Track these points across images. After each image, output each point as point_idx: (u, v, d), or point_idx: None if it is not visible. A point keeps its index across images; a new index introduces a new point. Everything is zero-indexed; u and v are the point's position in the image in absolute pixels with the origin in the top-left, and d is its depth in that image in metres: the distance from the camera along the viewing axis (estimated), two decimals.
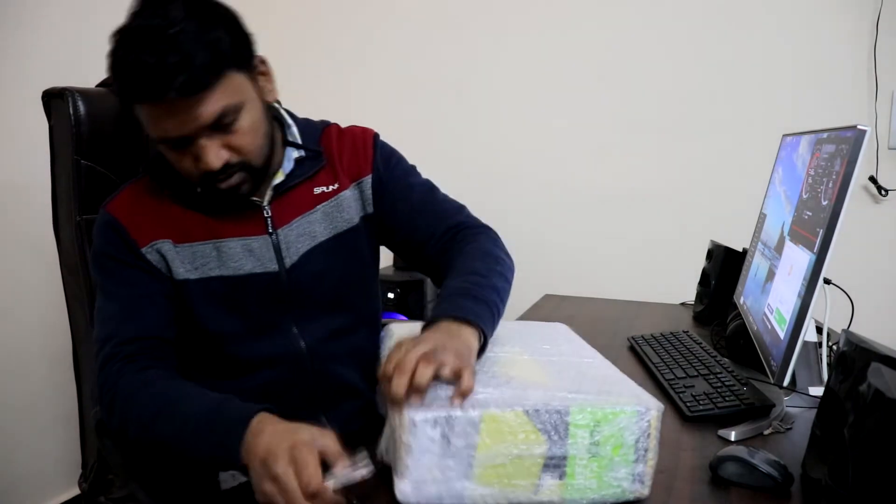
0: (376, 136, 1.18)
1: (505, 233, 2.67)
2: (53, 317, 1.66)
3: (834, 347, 1.02)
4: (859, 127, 0.91)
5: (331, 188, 1.11)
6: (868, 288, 1.49)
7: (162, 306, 1.02)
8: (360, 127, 1.19)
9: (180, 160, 0.96)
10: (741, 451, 0.83)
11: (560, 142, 2.48)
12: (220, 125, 0.93)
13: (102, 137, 1.19)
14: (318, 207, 1.09)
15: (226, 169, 0.96)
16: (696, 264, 1.70)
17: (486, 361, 0.87)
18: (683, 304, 1.80)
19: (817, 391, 1.07)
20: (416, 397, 0.74)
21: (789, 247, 1.12)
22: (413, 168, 1.20)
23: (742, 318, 1.32)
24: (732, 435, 0.95)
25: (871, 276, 2.05)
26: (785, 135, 1.44)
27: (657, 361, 1.25)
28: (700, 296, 1.67)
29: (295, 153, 1.10)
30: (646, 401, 0.77)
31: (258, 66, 1.01)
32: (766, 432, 0.97)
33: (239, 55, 0.96)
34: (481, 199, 2.59)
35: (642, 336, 1.43)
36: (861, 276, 1.48)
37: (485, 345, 0.88)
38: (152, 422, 0.91)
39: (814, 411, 0.84)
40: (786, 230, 1.17)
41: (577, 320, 1.57)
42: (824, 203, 0.96)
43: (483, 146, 2.58)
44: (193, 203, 1.05)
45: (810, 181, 1.09)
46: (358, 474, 0.77)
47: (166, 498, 1.03)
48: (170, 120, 0.90)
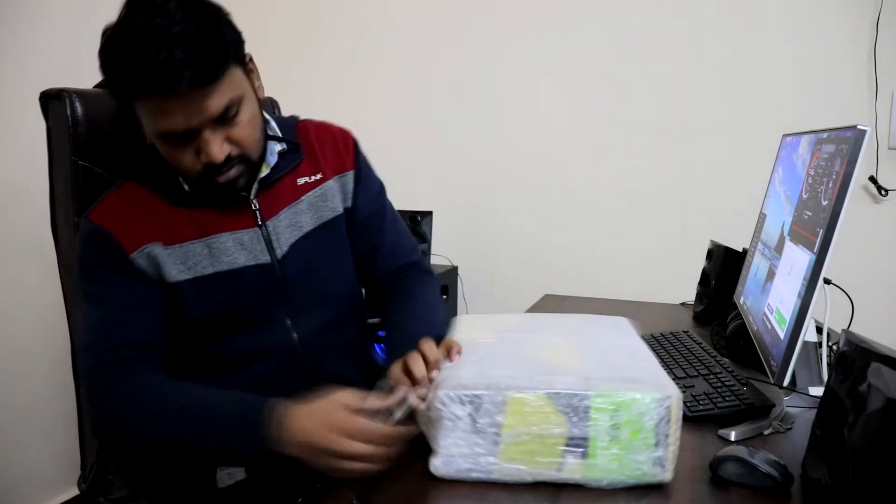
0: (356, 140, 1.23)
1: (505, 233, 2.67)
2: (53, 317, 1.66)
3: (834, 347, 1.02)
4: (859, 127, 0.91)
5: (314, 178, 1.14)
6: (868, 288, 1.49)
7: (151, 312, 1.01)
8: (337, 126, 1.23)
9: (180, 155, 0.97)
10: (741, 451, 0.83)
11: (560, 142, 2.48)
12: (224, 118, 0.96)
13: (100, 138, 1.19)
14: (304, 198, 1.12)
15: (227, 162, 0.98)
16: (696, 264, 1.70)
17: (531, 349, 0.93)
18: (683, 304, 1.80)
19: (817, 391, 1.07)
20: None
21: (789, 247, 1.12)
22: (383, 186, 1.25)
23: (742, 318, 1.32)
24: (732, 435, 0.95)
25: (871, 276, 2.05)
26: (785, 135, 1.44)
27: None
28: (700, 296, 1.67)
29: (277, 146, 1.12)
30: (665, 388, 0.80)
31: (248, 63, 1.03)
32: (766, 432, 0.96)
33: (238, 50, 0.98)
34: (481, 199, 2.61)
35: (642, 336, 1.42)
36: (861, 276, 1.48)
37: None
38: (172, 422, 0.91)
39: (814, 411, 0.84)
40: (786, 230, 1.17)
41: None
42: (824, 203, 0.96)
43: (483, 146, 2.58)
44: (181, 201, 1.05)
45: (810, 181, 1.09)
46: (399, 397, 0.84)
47: (163, 496, 1.03)
48: (178, 113, 0.92)
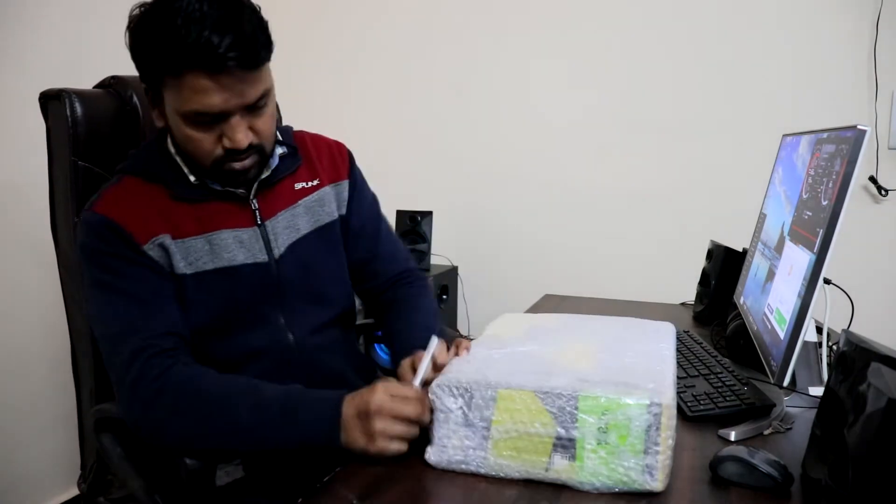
0: (350, 152, 1.26)
1: (505, 233, 2.67)
2: (53, 317, 1.66)
3: (834, 347, 1.02)
4: (859, 127, 0.91)
5: (311, 184, 1.17)
6: (868, 288, 1.49)
7: (175, 304, 1.01)
8: (332, 138, 1.27)
9: (202, 137, 0.99)
10: (741, 451, 0.83)
11: (560, 142, 2.48)
12: (255, 106, 0.99)
13: (99, 139, 1.19)
14: (300, 202, 1.15)
15: (247, 149, 1.00)
16: (696, 264, 1.70)
17: (549, 349, 0.94)
18: (683, 304, 1.80)
19: (817, 391, 1.07)
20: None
21: (789, 247, 1.12)
22: (376, 197, 1.29)
23: (742, 318, 1.32)
24: (732, 435, 0.95)
25: (871, 276, 2.05)
26: (785, 135, 1.44)
27: None
28: (700, 296, 1.67)
29: (278, 150, 1.14)
30: (657, 395, 0.78)
31: None
32: (766, 432, 0.96)
33: (272, 46, 1.01)
34: (481, 199, 2.62)
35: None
36: (861, 276, 1.48)
37: None
38: (221, 408, 0.92)
39: (814, 411, 0.84)
40: (786, 230, 1.17)
41: None
42: (824, 203, 0.96)
43: (483, 146, 2.58)
44: (183, 196, 1.05)
45: (810, 181, 1.09)
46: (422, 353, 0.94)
47: (163, 494, 1.04)
48: (217, 94, 0.94)
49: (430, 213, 2.48)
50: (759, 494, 0.80)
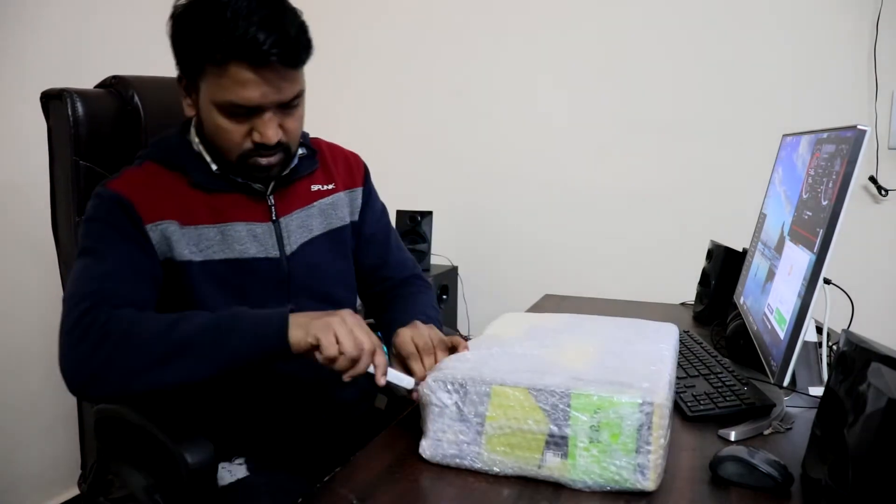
0: (366, 164, 1.30)
1: (505, 233, 2.67)
2: (53, 317, 1.65)
3: (834, 347, 1.02)
4: (859, 127, 0.91)
5: (326, 187, 1.19)
6: (868, 288, 1.49)
7: (149, 285, 1.01)
8: (350, 150, 1.30)
9: (233, 129, 1.00)
10: (741, 451, 0.83)
11: (560, 142, 2.48)
12: (289, 105, 1.02)
13: (101, 138, 1.19)
14: (316, 203, 1.17)
15: (275, 146, 1.03)
16: (696, 264, 1.70)
17: (548, 348, 0.94)
18: (683, 304, 1.80)
19: (817, 391, 1.07)
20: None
21: (789, 247, 1.12)
22: (386, 207, 1.33)
23: (742, 318, 1.32)
24: (732, 435, 0.95)
25: (871, 276, 2.05)
26: (785, 135, 1.44)
27: None
28: (700, 296, 1.67)
29: (299, 150, 1.15)
30: (649, 395, 0.78)
31: None
32: (766, 432, 0.97)
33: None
34: (481, 199, 2.62)
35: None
36: (861, 276, 1.48)
37: None
38: (169, 328, 0.90)
39: (814, 411, 0.84)
40: (786, 230, 1.17)
41: None
42: (824, 203, 0.96)
43: (483, 146, 2.58)
44: (202, 185, 1.06)
45: (810, 181, 1.09)
46: (407, 380, 0.92)
47: (164, 493, 1.04)
48: (256, 87, 0.96)
49: (430, 213, 2.48)
50: (759, 494, 0.80)
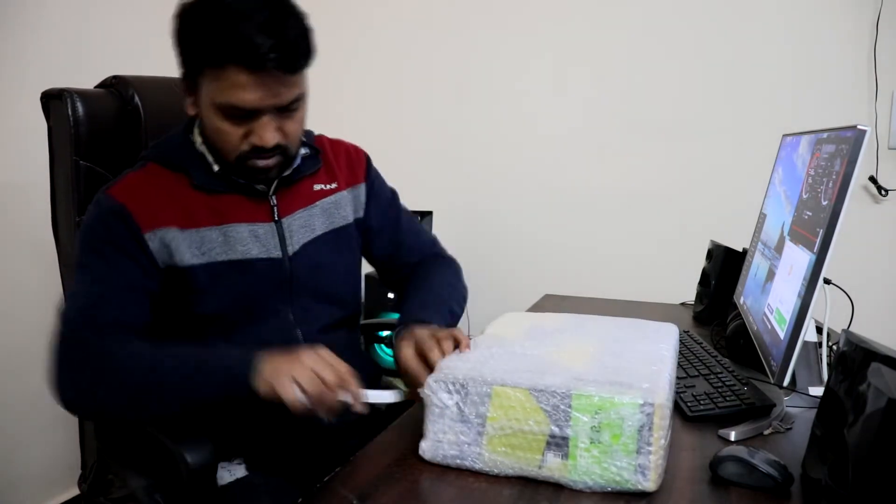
0: (368, 155, 1.29)
1: (505, 233, 2.66)
2: (53, 317, 1.66)
3: (834, 347, 1.02)
4: (859, 127, 0.91)
5: (329, 186, 1.19)
6: (868, 288, 1.49)
7: (143, 301, 1.02)
8: (350, 142, 1.29)
9: (231, 131, 1.01)
10: (741, 451, 0.83)
11: (560, 142, 2.48)
12: (288, 108, 1.01)
13: (101, 138, 1.19)
14: (318, 203, 1.17)
15: (273, 149, 1.03)
16: (696, 264, 1.70)
17: (548, 348, 0.94)
18: (683, 304, 1.80)
19: (817, 391, 1.07)
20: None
21: (789, 247, 1.12)
22: (395, 192, 1.32)
23: (742, 318, 1.32)
24: (732, 435, 0.95)
25: (871, 276, 2.05)
26: (785, 135, 1.44)
27: None
28: (700, 296, 1.67)
29: (301, 150, 1.15)
30: (650, 395, 0.78)
31: None
32: (766, 432, 0.97)
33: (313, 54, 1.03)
34: (482, 200, 2.61)
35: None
36: (861, 276, 1.48)
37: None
38: (145, 368, 0.92)
39: (814, 411, 0.84)
40: (786, 230, 1.17)
41: None
42: (824, 203, 0.96)
43: (483, 146, 2.58)
44: (204, 186, 1.07)
45: (810, 181, 1.09)
46: (388, 395, 0.91)
47: (164, 493, 1.04)
48: (253, 91, 0.96)
49: (430, 213, 2.48)
50: (759, 494, 0.80)
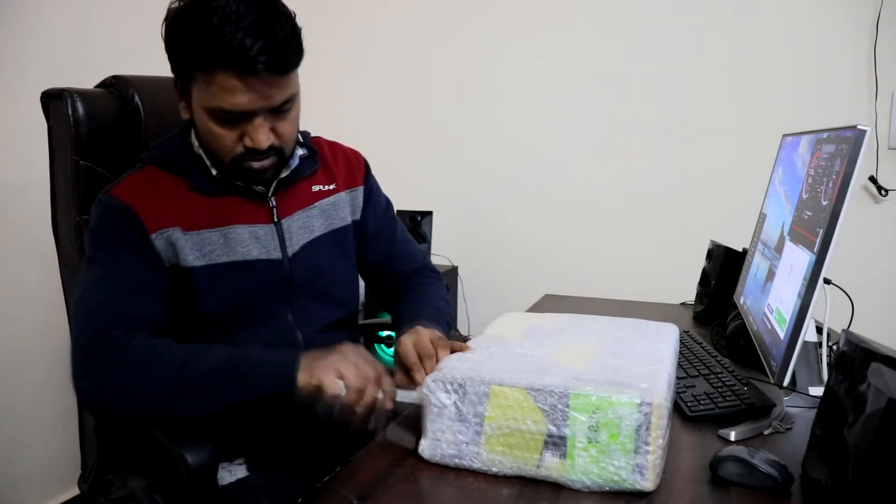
0: (366, 160, 1.29)
1: (505, 233, 2.67)
2: (53, 317, 1.65)
3: (834, 347, 1.02)
4: (859, 127, 0.91)
5: (327, 188, 1.19)
6: (868, 288, 1.49)
7: (156, 299, 1.02)
8: (349, 146, 1.30)
9: (224, 134, 1.00)
10: (741, 451, 0.83)
11: (560, 142, 2.48)
12: (280, 109, 1.01)
13: (101, 138, 1.19)
14: (316, 204, 1.17)
15: (267, 150, 1.02)
16: (696, 264, 1.70)
17: (547, 348, 0.94)
18: (683, 304, 1.80)
19: (817, 391, 1.07)
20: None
21: (789, 247, 1.12)
22: (390, 201, 1.33)
23: (742, 318, 1.32)
24: (732, 435, 0.95)
25: (871, 276, 2.05)
26: (785, 135, 1.44)
27: None
28: (700, 296, 1.67)
29: (299, 151, 1.15)
30: (648, 395, 0.78)
31: None
32: (766, 432, 0.97)
33: (302, 53, 1.03)
34: (481, 199, 2.62)
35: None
36: (861, 276, 1.48)
37: None
38: (182, 365, 0.92)
39: (814, 411, 0.84)
40: (786, 230, 1.17)
41: None
42: (824, 203, 0.96)
43: (483, 146, 2.58)
44: (203, 188, 1.07)
45: (810, 181, 1.09)
46: (415, 395, 0.91)
47: (164, 493, 1.04)
48: (244, 94, 0.96)
49: (430, 213, 2.48)
50: (759, 494, 0.80)
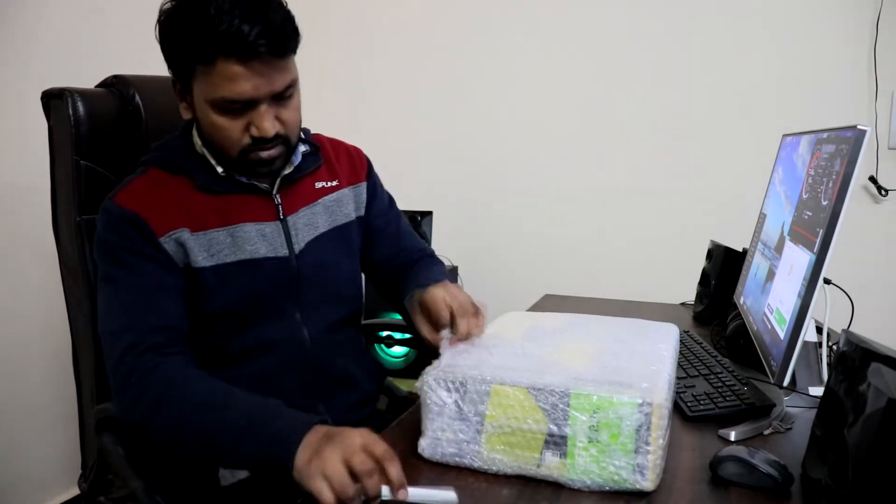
0: (368, 157, 1.30)
1: (505, 232, 2.67)
2: (53, 317, 1.66)
3: (834, 347, 1.02)
4: (859, 127, 0.91)
5: (330, 184, 1.19)
6: (868, 288, 1.49)
7: (177, 300, 1.02)
8: (350, 143, 1.30)
9: (230, 126, 1.00)
10: (741, 451, 0.83)
11: (560, 142, 2.48)
12: (282, 96, 1.01)
13: (102, 138, 1.19)
14: (320, 201, 1.17)
15: (273, 139, 1.02)
16: (696, 264, 1.70)
17: (547, 348, 0.94)
18: (683, 304, 1.80)
19: (817, 391, 1.07)
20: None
21: (789, 247, 1.12)
22: (392, 197, 1.34)
23: (742, 318, 1.32)
24: (732, 435, 0.95)
25: (871, 276, 2.05)
26: (785, 135, 1.44)
27: None
28: (700, 296, 1.67)
29: (301, 147, 1.15)
30: (648, 395, 0.78)
31: None
32: (766, 432, 0.97)
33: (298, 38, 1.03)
34: (481, 199, 2.62)
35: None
36: (861, 276, 1.48)
37: None
38: (196, 412, 0.89)
39: (814, 411, 0.84)
40: (786, 230, 1.17)
41: None
42: (824, 203, 0.96)
43: (483, 146, 2.58)
44: (207, 188, 1.06)
45: (810, 181, 1.09)
46: (441, 494, 0.74)
47: (167, 494, 1.04)
48: (250, 79, 0.96)
49: (430, 213, 2.48)
50: (759, 494, 0.80)
